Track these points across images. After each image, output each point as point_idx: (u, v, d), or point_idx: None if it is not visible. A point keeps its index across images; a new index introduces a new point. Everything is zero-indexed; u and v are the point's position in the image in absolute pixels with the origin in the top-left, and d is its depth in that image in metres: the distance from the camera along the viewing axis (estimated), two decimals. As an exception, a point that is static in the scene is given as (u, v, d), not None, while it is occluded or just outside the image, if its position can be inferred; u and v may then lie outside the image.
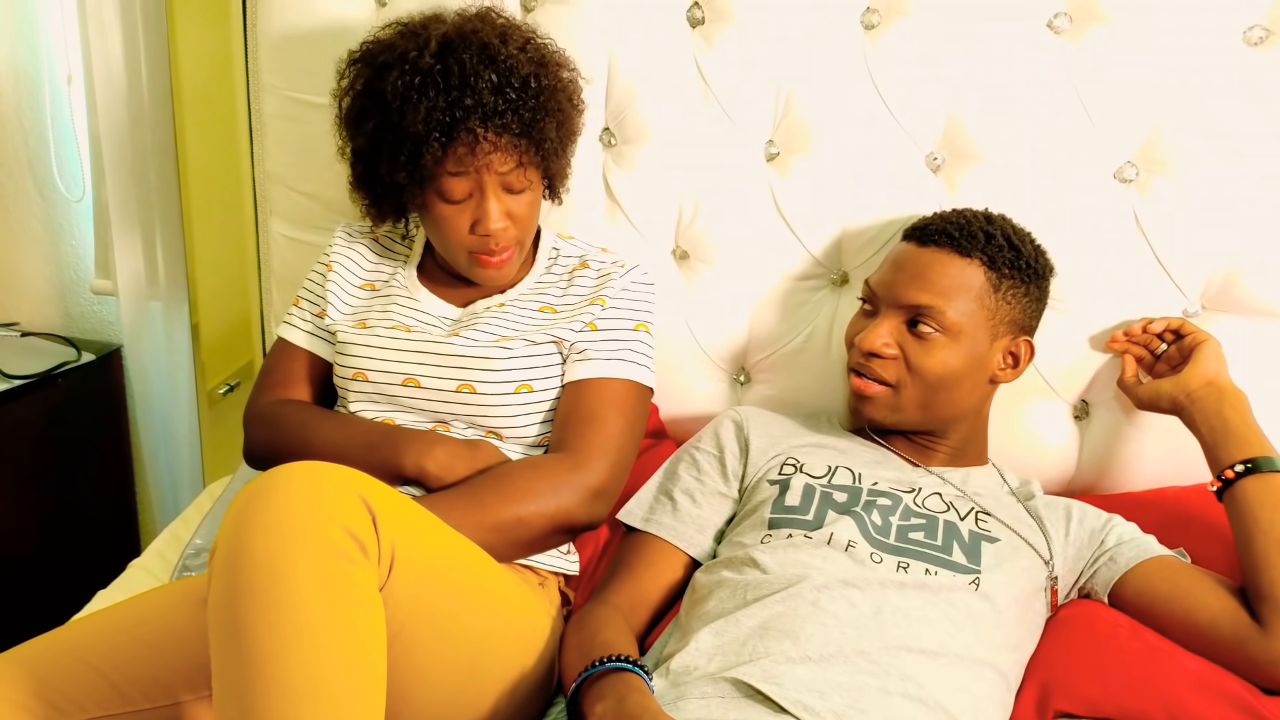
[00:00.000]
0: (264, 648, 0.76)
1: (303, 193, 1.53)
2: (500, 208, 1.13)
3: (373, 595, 0.82)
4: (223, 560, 0.80)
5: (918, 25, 1.31)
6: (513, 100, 1.10)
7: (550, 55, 1.18)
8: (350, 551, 0.80)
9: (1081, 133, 1.28)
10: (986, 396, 1.21)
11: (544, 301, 1.24)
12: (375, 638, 0.81)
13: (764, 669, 0.92)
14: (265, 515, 0.79)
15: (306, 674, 0.76)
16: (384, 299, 1.26)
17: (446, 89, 1.08)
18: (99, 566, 1.66)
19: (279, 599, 0.77)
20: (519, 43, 1.14)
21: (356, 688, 0.78)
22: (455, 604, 0.96)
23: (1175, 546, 1.12)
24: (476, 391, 1.16)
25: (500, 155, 1.11)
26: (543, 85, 1.14)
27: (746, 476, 1.20)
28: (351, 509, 0.82)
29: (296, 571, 0.77)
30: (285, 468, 0.83)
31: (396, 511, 0.87)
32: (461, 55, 1.09)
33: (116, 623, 1.01)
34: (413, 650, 0.90)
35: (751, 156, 1.39)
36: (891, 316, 1.16)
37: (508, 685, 1.02)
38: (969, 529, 1.09)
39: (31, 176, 1.96)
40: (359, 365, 1.20)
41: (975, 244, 1.15)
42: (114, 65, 1.75)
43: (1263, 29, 1.21)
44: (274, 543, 0.78)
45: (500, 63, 1.11)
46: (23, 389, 1.80)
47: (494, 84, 1.09)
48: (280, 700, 0.75)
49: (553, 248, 1.30)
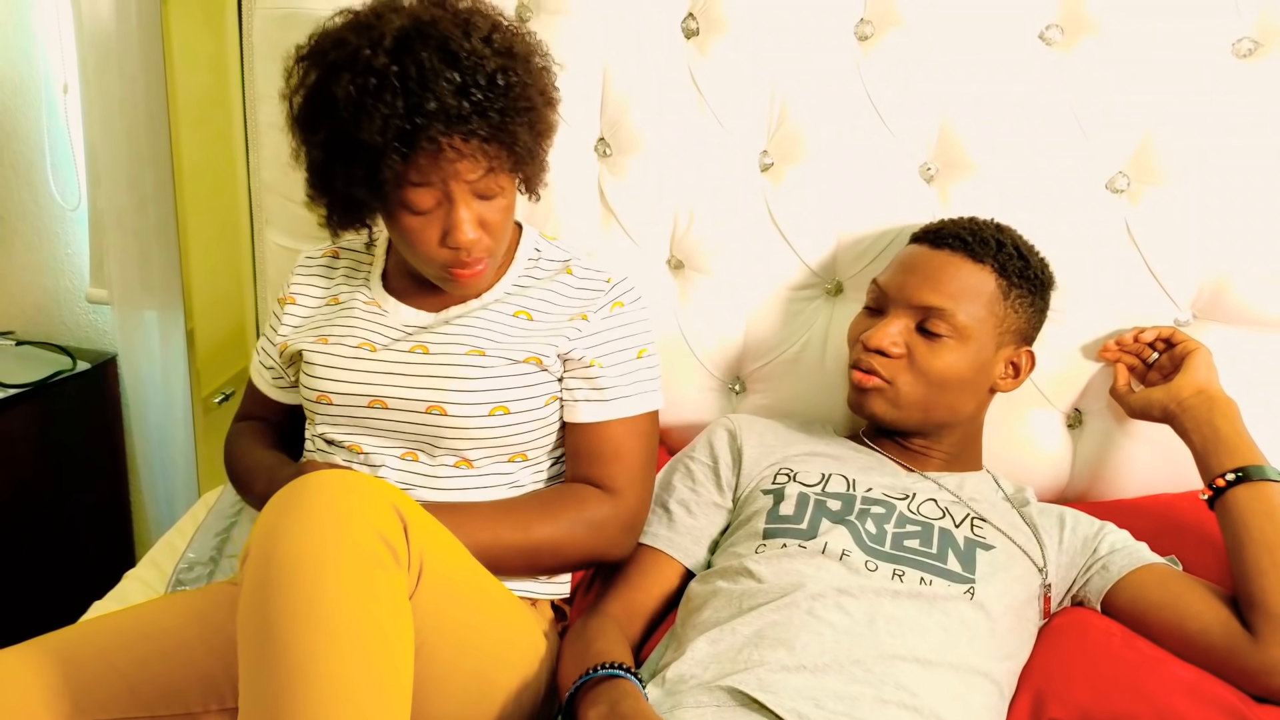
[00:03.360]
0: (293, 646, 0.76)
1: (298, 202, 1.51)
2: (472, 216, 1.03)
3: (403, 600, 0.82)
4: (256, 561, 0.80)
5: (911, 36, 1.32)
6: (479, 102, 0.98)
7: (519, 44, 1.06)
8: (383, 556, 0.80)
9: (1073, 143, 1.29)
10: (984, 404, 1.22)
11: (520, 306, 1.16)
12: (404, 641, 0.81)
13: (759, 677, 0.93)
14: (299, 518, 0.80)
15: (334, 673, 0.75)
16: (346, 312, 1.18)
17: (405, 93, 0.96)
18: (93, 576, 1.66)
19: (310, 598, 0.77)
20: (483, 32, 1.02)
21: (384, 688, 0.78)
22: (474, 617, 0.96)
23: (1167, 554, 1.12)
24: (447, 413, 1.09)
25: (468, 163, 1.00)
26: (511, 81, 1.01)
27: (740, 486, 1.20)
28: (385, 515, 0.82)
29: (329, 572, 0.77)
30: (320, 474, 0.84)
31: (425, 524, 0.88)
32: (420, 53, 0.97)
33: (137, 627, 1.01)
34: (432, 662, 0.90)
35: (746, 166, 1.39)
36: (902, 316, 1.16)
37: (515, 699, 1.02)
38: (964, 536, 1.09)
39: (27, 185, 1.96)
40: (322, 388, 1.13)
41: (988, 250, 1.16)
42: (110, 74, 1.75)
43: (1251, 41, 1.22)
44: (308, 544, 0.78)
45: (463, 60, 0.98)
46: (18, 398, 1.80)
47: (457, 85, 0.97)
48: (307, 697, 0.75)
49: (534, 248, 1.22)
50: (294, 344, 1.20)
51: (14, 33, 1.86)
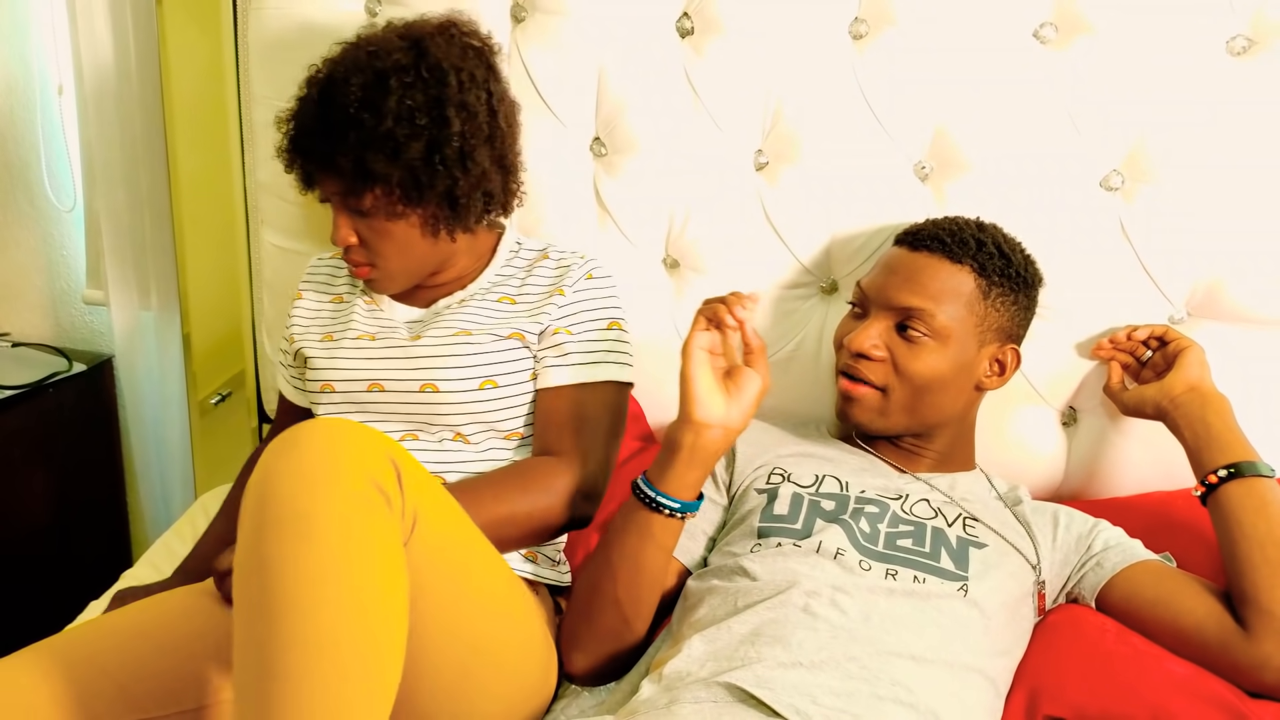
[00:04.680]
0: (286, 586, 0.77)
1: (294, 202, 1.53)
2: (345, 224, 1.17)
3: (395, 541, 0.83)
4: (250, 504, 0.82)
5: (905, 35, 1.32)
6: (338, 138, 1.12)
7: (440, 103, 1.13)
8: (374, 499, 0.82)
9: (1068, 141, 1.29)
10: (973, 403, 1.22)
11: (503, 292, 1.24)
12: (397, 581, 0.82)
13: (756, 674, 0.93)
14: (292, 462, 0.81)
15: (326, 613, 0.77)
16: (348, 310, 1.28)
17: (300, 116, 1.17)
18: (91, 577, 1.66)
19: (303, 537, 0.78)
20: (401, 86, 1.12)
21: (376, 626, 0.79)
22: (469, 578, 0.97)
23: (1161, 551, 1.13)
24: (439, 390, 1.17)
25: (331, 180, 1.16)
26: (364, 118, 1.11)
27: (734, 483, 1.20)
28: (379, 461, 0.84)
29: (321, 513, 0.79)
30: (315, 421, 0.86)
31: (420, 476, 0.89)
32: (328, 92, 1.14)
33: (129, 627, 1.01)
34: (426, 618, 0.91)
35: (741, 166, 1.40)
36: (881, 318, 1.17)
37: (506, 684, 1.03)
38: (957, 535, 1.10)
39: (23, 187, 1.96)
40: (325, 378, 1.22)
41: (966, 250, 1.16)
42: (105, 75, 1.75)
43: (1245, 39, 1.23)
44: (303, 484, 0.80)
45: (346, 108, 1.11)
46: (14, 399, 1.80)
47: (328, 121, 1.13)
48: (297, 637, 0.76)
49: (515, 243, 1.31)
50: (300, 344, 1.27)
51: (9, 34, 1.86)
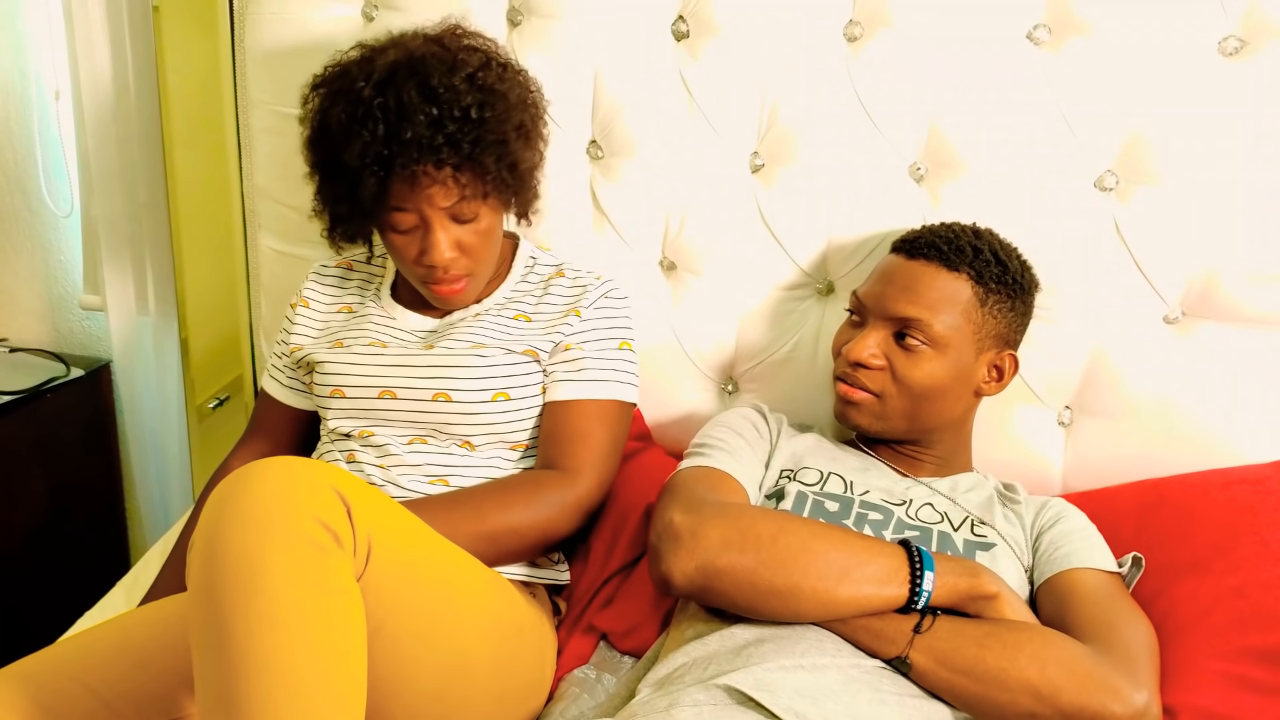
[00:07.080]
0: (239, 638, 0.77)
1: (291, 207, 1.53)
2: (448, 239, 1.13)
3: (348, 583, 0.83)
4: (199, 553, 0.81)
5: (900, 37, 1.32)
6: (451, 134, 1.08)
7: (504, 82, 1.15)
8: (323, 541, 0.81)
9: (1062, 142, 1.29)
10: (971, 408, 1.22)
11: (519, 309, 1.25)
12: (352, 624, 0.82)
13: (756, 676, 0.92)
14: (239, 507, 0.81)
15: (280, 661, 0.77)
16: (360, 319, 1.27)
17: (385, 122, 1.07)
18: (88, 582, 1.65)
19: (253, 588, 0.78)
20: (470, 69, 1.12)
21: (331, 673, 0.79)
22: (436, 601, 0.96)
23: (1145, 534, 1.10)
24: (452, 399, 1.17)
25: (440, 189, 1.10)
26: (485, 117, 1.11)
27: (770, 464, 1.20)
28: (324, 500, 0.83)
29: (269, 561, 0.78)
30: (260, 463, 0.84)
31: (373, 506, 0.88)
32: (402, 88, 1.08)
33: (109, 640, 1.01)
34: (395, 646, 0.90)
35: (737, 168, 1.40)
36: (879, 328, 1.17)
37: (496, 686, 1.02)
38: (964, 538, 1.10)
39: (20, 192, 1.96)
40: (336, 383, 1.21)
41: (963, 258, 1.16)
42: (102, 81, 1.75)
43: (1238, 40, 1.23)
44: (250, 534, 0.79)
45: (441, 95, 1.08)
46: (12, 405, 1.80)
47: (433, 117, 1.08)
48: (254, 688, 0.76)
49: (530, 257, 1.31)
50: (307, 351, 1.26)
51: (5, 39, 1.86)
